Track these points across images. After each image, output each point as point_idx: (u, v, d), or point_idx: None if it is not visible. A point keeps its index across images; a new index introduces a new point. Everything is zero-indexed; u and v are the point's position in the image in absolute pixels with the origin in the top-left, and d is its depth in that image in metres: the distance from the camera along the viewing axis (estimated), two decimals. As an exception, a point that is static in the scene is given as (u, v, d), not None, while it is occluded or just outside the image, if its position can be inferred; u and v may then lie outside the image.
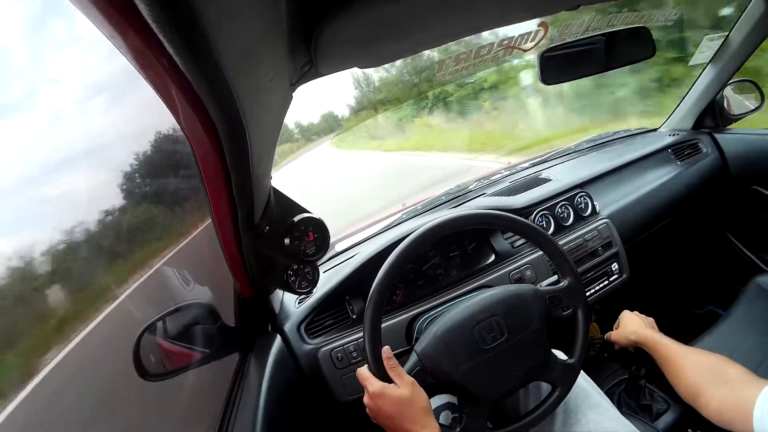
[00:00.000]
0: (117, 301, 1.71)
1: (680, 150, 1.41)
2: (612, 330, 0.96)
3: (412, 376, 0.65)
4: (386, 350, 0.67)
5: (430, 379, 0.67)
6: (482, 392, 0.67)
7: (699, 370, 0.71)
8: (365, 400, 0.66)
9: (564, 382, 0.71)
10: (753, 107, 1.40)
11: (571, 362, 0.71)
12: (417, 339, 0.79)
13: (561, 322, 0.77)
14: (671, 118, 1.53)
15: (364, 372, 0.67)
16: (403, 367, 0.67)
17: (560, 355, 0.83)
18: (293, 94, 0.57)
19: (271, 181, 0.74)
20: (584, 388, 0.79)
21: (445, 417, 0.81)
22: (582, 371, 0.78)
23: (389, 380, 0.65)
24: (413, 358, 0.69)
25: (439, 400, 0.84)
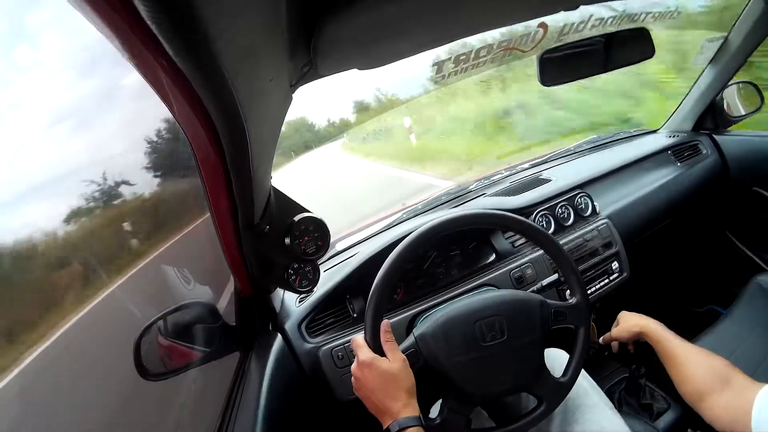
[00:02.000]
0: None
1: (680, 151, 1.41)
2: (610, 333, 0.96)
3: (405, 356, 0.65)
4: (385, 324, 0.66)
5: (422, 362, 0.66)
6: (469, 388, 0.66)
7: (703, 373, 0.70)
8: (353, 367, 0.66)
9: (551, 398, 0.70)
10: (753, 109, 1.40)
11: (562, 380, 0.71)
12: None
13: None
14: (671, 120, 1.53)
15: (358, 339, 0.67)
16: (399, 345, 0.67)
17: (560, 354, 0.84)
18: (293, 95, 0.57)
19: (272, 180, 0.75)
20: (584, 388, 0.79)
21: (434, 410, 0.81)
22: (582, 370, 0.77)
23: (382, 353, 0.65)
24: (410, 339, 0.69)
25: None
